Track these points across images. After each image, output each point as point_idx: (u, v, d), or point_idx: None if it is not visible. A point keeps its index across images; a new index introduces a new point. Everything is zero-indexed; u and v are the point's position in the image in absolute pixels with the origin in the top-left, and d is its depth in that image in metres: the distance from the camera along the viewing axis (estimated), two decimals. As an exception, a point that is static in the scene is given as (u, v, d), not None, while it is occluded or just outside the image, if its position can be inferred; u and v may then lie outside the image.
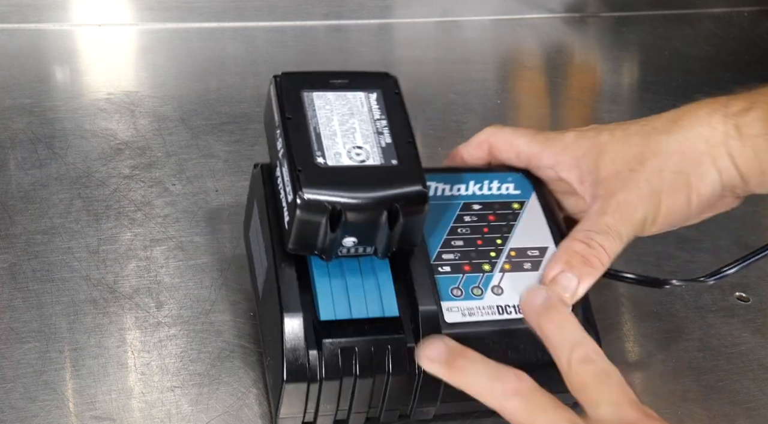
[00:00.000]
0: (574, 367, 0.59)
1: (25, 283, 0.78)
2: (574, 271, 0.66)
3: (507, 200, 0.73)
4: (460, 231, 0.70)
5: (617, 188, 0.68)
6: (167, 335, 0.75)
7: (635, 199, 0.67)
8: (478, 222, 0.71)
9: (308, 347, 0.63)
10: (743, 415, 0.74)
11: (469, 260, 0.69)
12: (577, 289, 0.66)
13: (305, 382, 0.63)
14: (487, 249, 0.70)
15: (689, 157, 0.68)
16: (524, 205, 0.73)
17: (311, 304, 0.65)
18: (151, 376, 0.72)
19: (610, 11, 1.29)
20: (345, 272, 0.65)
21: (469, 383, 0.59)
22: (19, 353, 0.72)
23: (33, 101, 1.00)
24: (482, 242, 0.70)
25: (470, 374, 0.60)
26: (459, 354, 0.61)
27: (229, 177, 0.92)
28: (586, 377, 0.58)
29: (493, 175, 0.74)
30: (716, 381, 0.77)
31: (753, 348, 0.80)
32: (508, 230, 0.71)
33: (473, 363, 0.60)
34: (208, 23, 1.16)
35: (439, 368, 0.61)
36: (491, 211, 0.72)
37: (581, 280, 0.66)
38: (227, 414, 0.69)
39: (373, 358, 0.63)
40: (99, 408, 0.69)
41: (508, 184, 0.73)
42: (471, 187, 0.73)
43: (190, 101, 1.03)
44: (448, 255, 0.69)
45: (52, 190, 0.88)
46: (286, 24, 1.17)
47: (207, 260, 0.82)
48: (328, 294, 0.64)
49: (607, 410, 0.56)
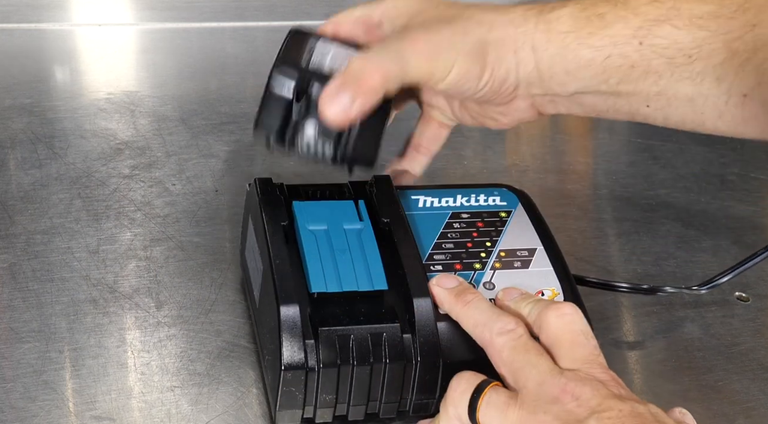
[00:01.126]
0: (497, 340, 0.61)
1: (24, 283, 0.78)
2: (347, 90, 0.64)
3: (494, 210, 0.75)
4: (450, 236, 0.72)
5: (419, 29, 0.67)
6: (167, 335, 0.75)
7: (434, 41, 0.66)
8: (468, 228, 0.73)
9: (305, 336, 0.64)
10: (743, 415, 0.74)
11: (460, 259, 0.71)
12: (350, 110, 0.64)
13: (303, 370, 0.63)
14: (477, 250, 0.72)
15: (495, 35, 0.67)
16: (511, 214, 0.75)
17: (307, 296, 0.66)
18: (150, 376, 0.72)
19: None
20: (334, 247, 0.68)
21: (470, 316, 0.63)
22: (19, 352, 0.73)
23: (33, 101, 1.00)
24: (472, 244, 0.72)
25: (474, 307, 0.64)
26: (469, 290, 0.65)
27: (229, 177, 0.92)
28: (506, 349, 0.60)
29: (479, 190, 0.77)
30: (716, 381, 0.77)
31: (753, 348, 0.80)
32: (497, 234, 0.73)
33: (479, 300, 0.64)
34: (208, 23, 1.16)
35: (447, 296, 0.65)
36: (480, 218, 0.74)
37: (354, 100, 0.64)
38: (227, 414, 0.69)
39: (369, 346, 0.64)
40: (99, 408, 0.69)
41: (495, 197, 0.77)
42: (459, 199, 0.76)
43: (190, 101, 1.03)
44: (440, 256, 0.71)
45: (52, 190, 0.88)
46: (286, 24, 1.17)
47: (207, 259, 0.82)
48: (318, 267, 0.67)
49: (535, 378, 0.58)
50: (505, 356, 0.60)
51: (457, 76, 0.67)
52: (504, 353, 0.60)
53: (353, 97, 0.64)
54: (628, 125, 1.08)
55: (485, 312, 0.63)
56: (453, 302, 0.65)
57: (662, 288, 0.80)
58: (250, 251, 0.74)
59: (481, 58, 0.67)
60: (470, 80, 0.67)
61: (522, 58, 0.67)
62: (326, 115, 0.64)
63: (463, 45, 0.66)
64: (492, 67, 0.67)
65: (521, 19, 0.67)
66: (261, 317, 0.70)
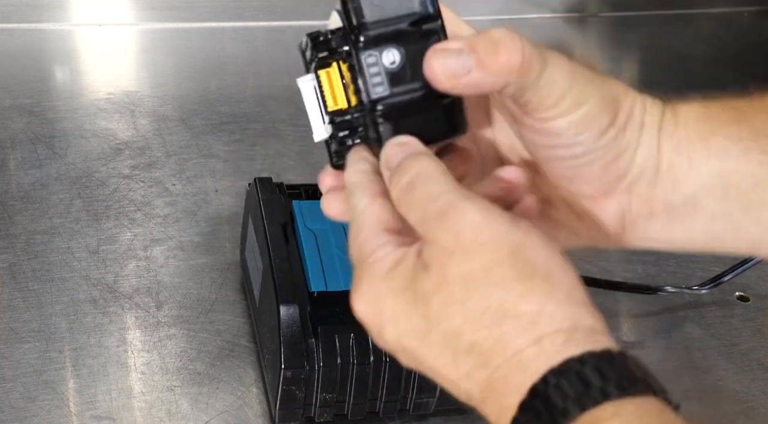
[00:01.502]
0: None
1: (24, 283, 0.78)
2: (473, 55, 0.49)
3: None
4: None
5: (560, 55, 0.52)
6: (167, 335, 0.75)
7: (578, 70, 0.52)
8: None
9: (305, 335, 0.64)
10: (743, 415, 0.74)
11: None
12: (463, 76, 0.49)
13: (303, 369, 0.63)
14: None
15: (628, 100, 0.54)
16: None
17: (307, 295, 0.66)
18: (151, 375, 0.72)
19: (610, 11, 1.29)
20: (334, 246, 0.68)
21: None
22: (19, 352, 0.72)
23: (33, 101, 1.00)
24: None
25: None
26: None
27: (229, 177, 0.92)
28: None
29: None
30: (716, 381, 0.77)
31: (753, 348, 0.80)
32: None
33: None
34: (208, 23, 1.16)
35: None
36: None
37: (472, 69, 0.49)
38: (227, 413, 0.69)
39: (369, 345, 0.64)
40: (99, 407, 0.69)
41: None
42: None
43: (190, 101, 1.03)
44: None
45: (52, 190, 0.88)
46: (286, 24, 1.17)
47: (207, 259, 0.82)
48: (318, 267, 0.67)
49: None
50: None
51: (585, 117, 0.52)
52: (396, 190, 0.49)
53: (477, 64, 0.49)
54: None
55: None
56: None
57: (663, 288, 0.80)
58: (250, 250, 0.74)
59: (612, 110, 0.53)
60: (594, 129, 0.52)
61: (645, 139, 0.54)
62: (432, 66, 0.50)
63: (602, 88, 0.53)
64: (619, 128, 0.53)
65: (651, 100, 0.55)
66: (261, 317, 0.70)
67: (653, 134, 0.54)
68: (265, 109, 1.02)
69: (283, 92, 1.05)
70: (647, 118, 0.54)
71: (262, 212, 0.70)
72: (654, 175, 0.54)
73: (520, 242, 0.46)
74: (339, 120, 0.51)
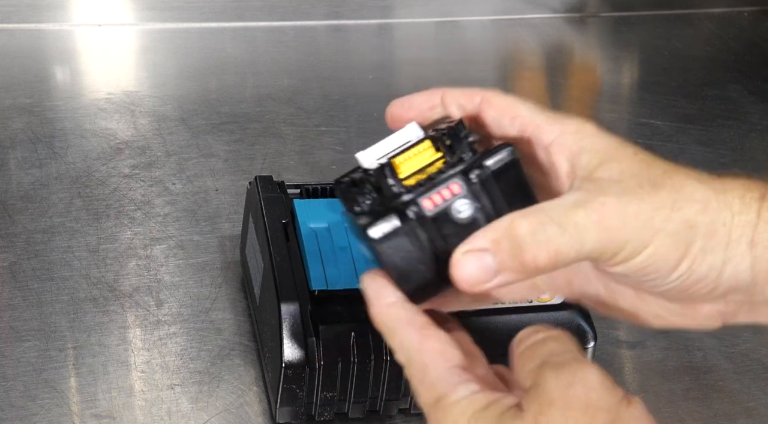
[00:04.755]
0: None
1: (25, 282, 0.78)
2: (497, 256, 0.47)
3: None
4: None
5: (611, 192, 0.49)
6: (167, 333, 0.75)
7: (626, 213, 0.49)
8: None
9: (306, 334, 0.64)
10: (743, 414, 0.74)
11: None
12: (488, 282, 0.48)
13: (304, 367, 0.63)
14: None
15: (706, 219, 0.50)
16: None
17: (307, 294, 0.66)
18: (151, 374, 0.72)
19: (610, 11, 1.30)
20: (334, 245, 0.68)
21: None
22: (19, 351, 0.73)
23: (33, 101, 1.00)
24: None
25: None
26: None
27: (229, 176, 0.92)
28: None
29: None
30: (716, 381, 0.77)
31: (753, 348, 0.80)
32: None
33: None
34: (208, 23, 1.16)
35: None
36: None
37: (498, 273, 0.48)
38: (227, 412, 0.69)
39: (370, 343, 0.64)
40: (99, 406, 0.69)
41: None
42: None
43: (190, 101, 1.03)
44: None
45: (52, 190, 0.88)
46: (286, 24, 1.17)
47: (207, 258, 0.82)
48: (319, 265, 0.66)
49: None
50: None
51: (646, 261, 0.49)
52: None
53: (501, 267, 0.47)
54: (629, 125, 1.08)
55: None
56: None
57: None
58: (250, 249, 0.74)
59: (683, 244, 0.49)
60: (661, 269, 0.50)
61: (734, 255, 0.50)
62: (458, 270, 0.47)
63: (666, 223, 0.49)
64: (693, 258, 0.50)
65: (740, 202, 0.50)
66: (261, 315, 0.70)
67: (742, 249, 0.50)
68: (265, 109, 1.02)
69: (283, 92, 1.05)
70: (735, 233, 0.50)
71: (262, 210, 0.70)
72: (750, 286, 0.51)
73: (621, 417, 0.45)
74: (392, 183, 0.48)
